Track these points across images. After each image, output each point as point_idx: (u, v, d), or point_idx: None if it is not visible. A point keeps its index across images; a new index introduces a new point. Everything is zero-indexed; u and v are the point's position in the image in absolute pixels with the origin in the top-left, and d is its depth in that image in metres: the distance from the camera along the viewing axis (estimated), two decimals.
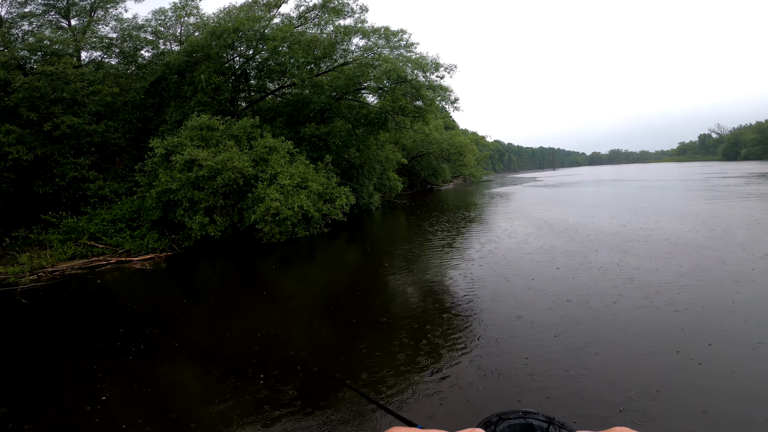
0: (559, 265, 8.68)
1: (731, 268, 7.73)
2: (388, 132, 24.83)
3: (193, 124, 14.51)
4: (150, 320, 7.06)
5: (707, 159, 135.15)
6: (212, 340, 6.01)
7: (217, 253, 13.03)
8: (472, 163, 48.09)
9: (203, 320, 6.99)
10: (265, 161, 14.35)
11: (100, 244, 14.65)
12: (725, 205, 16.91)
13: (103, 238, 14.81)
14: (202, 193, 12.96)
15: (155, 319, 7.18)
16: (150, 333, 6.41)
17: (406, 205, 27.55)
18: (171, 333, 6.44)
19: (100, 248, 14.46)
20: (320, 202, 14.24)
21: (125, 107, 19.53)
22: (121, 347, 5.87)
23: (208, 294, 8.88)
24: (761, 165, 64.10)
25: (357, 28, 19.50)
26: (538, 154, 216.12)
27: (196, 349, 5.75)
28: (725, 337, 4.99)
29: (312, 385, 4.53)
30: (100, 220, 15.26)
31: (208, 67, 18.54)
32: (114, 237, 14.76)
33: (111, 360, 5.52)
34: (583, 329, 5.45)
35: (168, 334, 6.40)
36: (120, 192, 16.75)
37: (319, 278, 10.08)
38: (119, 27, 21.69)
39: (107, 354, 5.72)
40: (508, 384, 4.25)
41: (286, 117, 20.57)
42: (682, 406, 3.72)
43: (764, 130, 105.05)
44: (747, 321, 5.39)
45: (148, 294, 9.24)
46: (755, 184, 27.10)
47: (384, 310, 6.83)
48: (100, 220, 15.26)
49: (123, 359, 5.49)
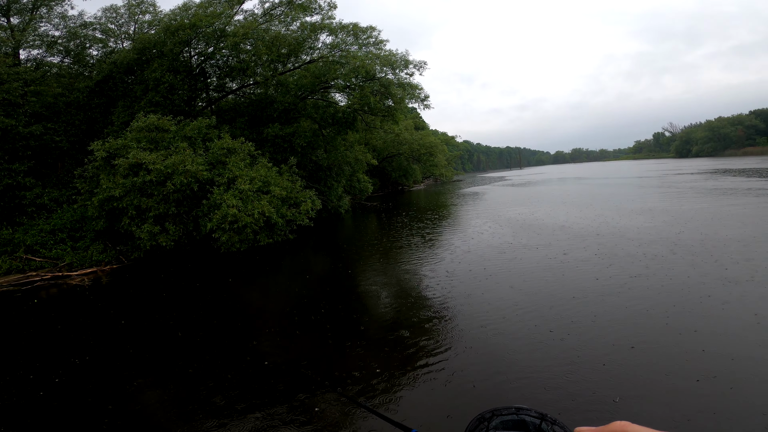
0: (530, 265, 8.45)
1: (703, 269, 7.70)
2: (357, 132, 24.21)
3: (139, 125, 13.30)
4: (76, 348, 6.09)
5: (661, 156, 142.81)
6: (151, 368, 5.18)
7: (170, 265, 11.95)
8: (443, 163, 48.19)
9: (140, 345, 6.11)
10: (223, 164, 13.34)
11: (38, 257, 13.26)
12: (696, 204, 17.39)
13: (41, 250, 13.42)
14: (151, 199, 11.82)
15: (81, 347, 6.20)
16: (72, 365, 5.47)
17: (377, 207, 26.99)
18: (99, 364, 5.54)
19: (38, 261, 13.09)
20: (284, 208, 13.38)
21: (68, 108, 17.95)
22: (37, 381, 4.93)
23: (151, 311, 7.92)
24: (712, 162, 68.22)
25: (324, 25, 18.76)
26: (506, 154, 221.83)
27: (126, 384, 4.91)
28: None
29: (300, 393, 4.40)
30: (38, 231, 13.86)
31: (161, 65, 17.27)
32: (53, 249, 13.39)
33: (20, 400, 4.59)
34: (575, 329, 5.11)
35: (95, 365, 5.49)
36: (61, 200, 15.24)
37: (285, 288, 9.40)
38: (63, 25, 20.03)
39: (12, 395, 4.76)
40: (502, 379, 4.43)
41: (247, 117, 19.52)
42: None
43: (714, 129, 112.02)
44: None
45: (80, 315, 8.13)
46: (710, 180, 28.43)
47: (359, 319, 6.57)
48: (37, 231, 13.85)
49: (32, 397, 4.57)
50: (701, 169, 43.96)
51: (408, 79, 18.50)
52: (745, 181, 24.44)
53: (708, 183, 25.40)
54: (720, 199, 16.99)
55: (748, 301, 5.85)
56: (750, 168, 38.53)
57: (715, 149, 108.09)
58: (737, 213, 13.26)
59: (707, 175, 32.46)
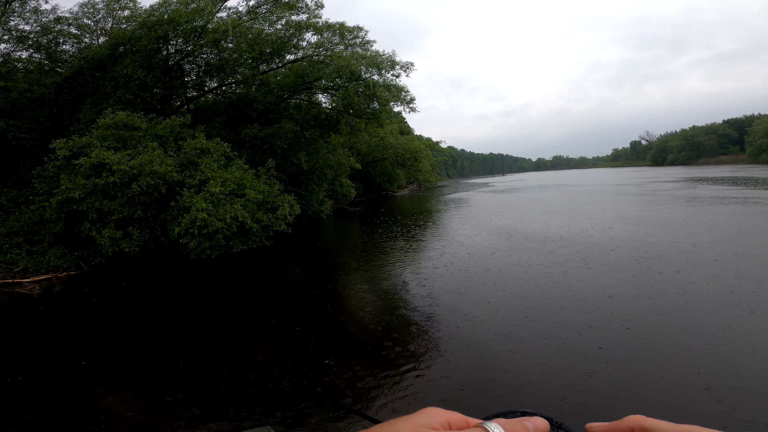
0: (512, 276, 8.12)
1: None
2: (341, 135, 23.68)
3: (106, 122, 12.47)
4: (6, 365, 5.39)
5: (638, 164, 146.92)
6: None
7: (134, 272, 11.15)
8: (427, 168, 48.09)
9: (89, 357, 5.45)
10: (195, 165, 12.62)
11: None
12: (673, 211, 17.51)
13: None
14: (114, 202, 11.02)
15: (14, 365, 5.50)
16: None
17: (360, 212, 26.47)
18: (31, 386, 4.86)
19: None
20: (260, 212, 12.71)
21: (32, 105, 16.92)
22: None
23: (103, 322, 7.21)
24: (686, 170, 70.29)
25: (309, 23, 18.20)
26: (489, 161, 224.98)
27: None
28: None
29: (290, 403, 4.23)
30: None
31: (134, 60, 16.45)
32: (8, 254, 12.39)
33: None
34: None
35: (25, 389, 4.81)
36: (19, 200, 14.22)
37: (259, 296, 8.88)
38: (35, 19, 18.97)
39: None
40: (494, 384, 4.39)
41: (225, 117, 18.78)
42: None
43: (688, 137, 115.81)
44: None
45: (23, 328, 7.34)
46: (685, 189, 29.00)
47: (340, 327, 6.39)
48: None
49: None
50: (676, 177, 45.03)
51: (394, 80, 18.13)
52: (727, 190, 24.95)
53: (686, 192, 25.84)
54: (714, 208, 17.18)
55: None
56: (725, 176, 39.59)
57: (690, 157, 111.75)
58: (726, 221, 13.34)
59: (682, 184, 33.16)
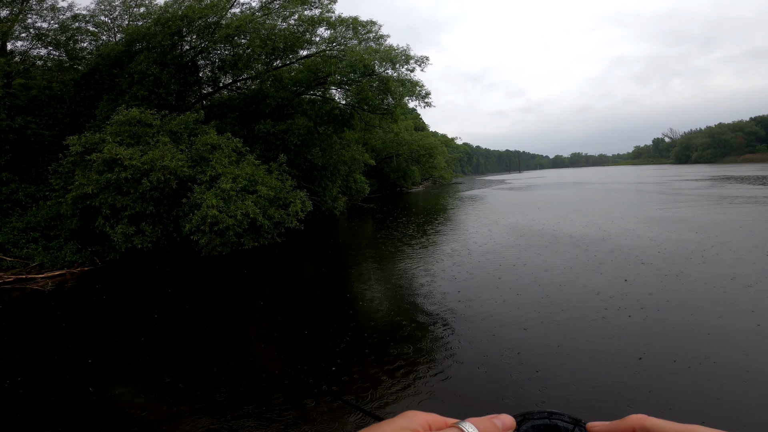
0: (530, 281, 7.69)
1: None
2: (355, 131, 23.42)
3: (119, 118, 12.45)
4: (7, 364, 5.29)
5: (660, 162, 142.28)
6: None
7: (147, 268, 11.12)
8: (443, 165, 47.44)
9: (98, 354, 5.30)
10: (206, 161, 12.52)
11: (8, 256, 12.43)
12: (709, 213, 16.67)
13: (13, 249, 12.58)
14: (127, 198, 10.99)
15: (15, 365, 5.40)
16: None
17: (374, 209, 26.17)
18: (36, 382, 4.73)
19: (9, 261, 12.26)
20: (272, 209, 12.52)
21: (51, 101, 17.17)
22: None
23: (109, 323, 7.09)
24: (712, 168, 67.59)
25: (322, 18, 17.99)
26: (505, 157, 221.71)
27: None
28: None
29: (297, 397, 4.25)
30: (11, 229, 13.00)
31: (148, 57, 16.49)
32: (25, 249, 12.55)
33: None
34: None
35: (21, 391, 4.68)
36: (37, 196, 14.39)
37: (268, 295, 8.66)
38: (52, 17, 19.23)
39: None
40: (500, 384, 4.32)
41: (239, 113, 18.70)
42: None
43: (714, 135, 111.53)
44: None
45: (30, 325, 7.29)
46: (716, 188, 27.76)
47: (353, 325, 6.20)
48: (10, 229, 13.00)
49: None
50: (704, 175, 43.31)
51: (408, 75, 17.73)
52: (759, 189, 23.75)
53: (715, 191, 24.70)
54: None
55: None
56: (754, 175, 37.87)
57: (715, 155, 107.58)
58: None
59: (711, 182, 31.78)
